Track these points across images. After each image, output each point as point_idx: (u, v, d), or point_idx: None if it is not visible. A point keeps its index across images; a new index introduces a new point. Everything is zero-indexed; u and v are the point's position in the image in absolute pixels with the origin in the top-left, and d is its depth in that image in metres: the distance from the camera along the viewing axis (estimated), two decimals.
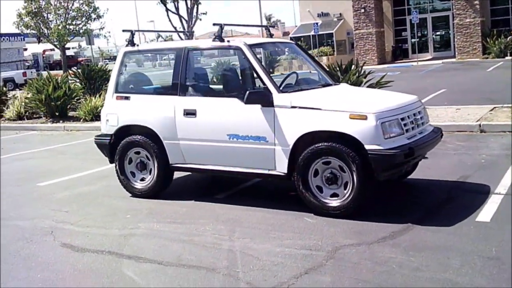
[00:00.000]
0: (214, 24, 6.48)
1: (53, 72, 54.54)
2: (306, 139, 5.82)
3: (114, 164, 7.19)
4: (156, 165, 6.83)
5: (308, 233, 5.39)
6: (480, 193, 6.31)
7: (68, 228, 6.06)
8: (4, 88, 19.19)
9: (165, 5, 14.91)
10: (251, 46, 6.44)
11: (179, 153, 6.67)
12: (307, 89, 6.48)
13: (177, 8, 13.94)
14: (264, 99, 5.98)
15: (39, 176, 8.84)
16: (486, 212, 5.62)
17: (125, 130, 7.02)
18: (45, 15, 21.08)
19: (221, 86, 6.69)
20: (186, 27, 14.06)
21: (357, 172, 5.57)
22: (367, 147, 5.48)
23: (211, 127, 6.39)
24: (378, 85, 12.67)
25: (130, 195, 7.11)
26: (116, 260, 5.03)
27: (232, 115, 6.24)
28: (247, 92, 5.99)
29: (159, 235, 5.62)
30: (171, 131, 6.64)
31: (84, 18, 21.62)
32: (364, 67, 13.36)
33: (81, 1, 20.61)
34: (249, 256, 4.89)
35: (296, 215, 5.92)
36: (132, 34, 7.22)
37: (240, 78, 6.61)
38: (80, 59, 78.13)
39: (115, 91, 7.17)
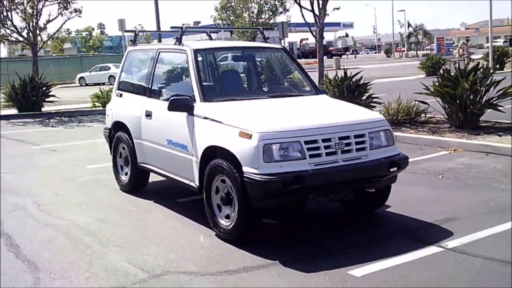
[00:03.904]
0: (171, 27, 6.43)
1: (301, 61, 56.91)
2: (213, 153, 5.48)
3: None
4: (130, 162, 7.09)
5: (174, 253, 5.12)
6: (418, 242, 5.18)
7: (28, 210, 6.71)
8: None
9: (299, 4, 14.66)
10: (199, 51, 6.24)
11: (143, 153, 6.82)
12: (241, 99, 6.02)
13: (311, 3, 13.56)
14: (186, 107, 5.78)
15: (105, 159, 9.73)
16: (375, 266, 4.64)
17: (118, 125, 7.40)
18: (239, 9, 22.40)
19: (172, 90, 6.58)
20: (317, 23, 13.63)
21: (237, 195, 5.09)
22: (244, 169, 4.96)
23: (158, 131, 6.42)
24: (506, 95, 10.84)
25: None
26: None
27: (170, 121, 6.16)
28: (170, 98, 5.85)
29: (65, 230, 5.89)
30: (138, 130, 6.82)
31: (270, 12, 22.36)
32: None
33: None
34: (80, 270, 4.78)
35: (203, 233, 5.63)
36: (136, 34, 7.53)
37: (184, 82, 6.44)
38: (331, 48, 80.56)
39: (117, 87, 7.60)
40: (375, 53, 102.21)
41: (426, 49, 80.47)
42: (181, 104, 5.78)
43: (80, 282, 4.55)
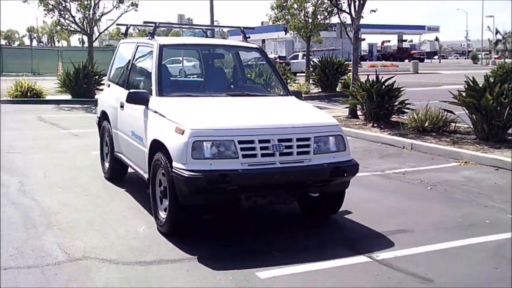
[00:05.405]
0: (144, 22, 6.59)
1: (378, 63, 55.28)
2: (159, 146, 5.53)
3: None
4: (109, 150, 7.30)
5: (106, 240, 5.23)
6: (351, 251, 5.05)
7: (9, 188, 7.00)
8: None
9: (336, 6, 14.33)
10: (166, 46, 6.33)
11: (117, 142, 6.99)
12: (197, 96, 6.02)
13: (349, 5, 13.19)
14: (142, 100, 5.89)
15: None
16: (287, 270, 4.57)
17: (104, 115, 7.61)
18: (294, 8, 22.21)
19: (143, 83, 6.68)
20: (352, 25, 13.29)
21: (169, 189, 5.13)
22: (173, 164, 4.99)
23: (126, 122, 6.57)
24: None
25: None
26: None
27: (134, 113, 6.27)
28: (128, 91, 5.98)
29: (26, 210, 6.13)
30: (115, 120, 7.01)
31: (326, 13, 22.02)
32: None
33: None
34: (10, 248, 4.96)
35: (148, 223, 5.72)
36: (127, 28, 7.73)
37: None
38: (413, 52, 78.32)
39: (108, 78, 7.82)
40: (465, 59, 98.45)
41: None
42: (138, 97, 5.89)
43: (3, 258, 4.73)
